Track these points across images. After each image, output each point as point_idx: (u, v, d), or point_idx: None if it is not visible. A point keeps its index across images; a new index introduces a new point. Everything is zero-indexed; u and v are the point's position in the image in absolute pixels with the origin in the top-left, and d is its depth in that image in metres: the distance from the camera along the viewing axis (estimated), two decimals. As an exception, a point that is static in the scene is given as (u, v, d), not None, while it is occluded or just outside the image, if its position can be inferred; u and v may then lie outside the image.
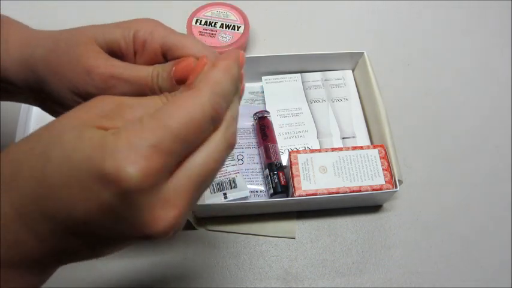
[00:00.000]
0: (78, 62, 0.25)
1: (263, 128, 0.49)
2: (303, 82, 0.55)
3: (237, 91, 0.23)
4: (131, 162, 0.18)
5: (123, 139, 0.18)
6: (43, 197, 0.19)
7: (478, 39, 0.63)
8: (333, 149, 0.45)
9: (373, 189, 0.43)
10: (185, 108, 0.19)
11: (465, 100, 0.57)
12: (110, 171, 0.17)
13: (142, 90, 0.26)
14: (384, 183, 0.43)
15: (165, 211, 0.19)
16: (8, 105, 0.53)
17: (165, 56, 0.28)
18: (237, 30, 0.56)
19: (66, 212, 0.19)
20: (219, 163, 0.21)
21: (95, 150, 0.18)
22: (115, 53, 0.27)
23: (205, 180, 0.21)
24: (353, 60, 0.54)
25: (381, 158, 0.45)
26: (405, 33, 0.63)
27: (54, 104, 0.28)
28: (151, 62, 0.28)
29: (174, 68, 0.25)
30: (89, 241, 0.20)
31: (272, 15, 0.64)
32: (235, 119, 0.23)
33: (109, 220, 0.19)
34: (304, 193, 0.42)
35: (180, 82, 0.25)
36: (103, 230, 0.19)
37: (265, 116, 0.50)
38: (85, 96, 0.26)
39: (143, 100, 0.21)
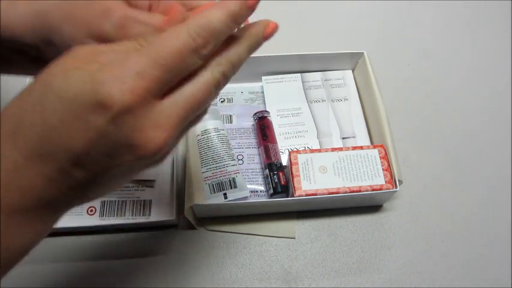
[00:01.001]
0: (95, 2, 0.26)
1: (263, 128, 0.49)
2: (303, 82, 0.55)
3: (243, 38, 0.25)
4: (119, 87, 0.19)
5: (109, 71, 0.20)
6: (46, 138, 0.20)
7: (478, 39, 0.63)
8: (333, 149, 0.45)
9: (373, 189, 0.43)
10: (167, 39, 0.21)
11: (465, 100, 0.57)
12: (100, 99, 0.19)
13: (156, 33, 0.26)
14: (384, 183, 0.43)
15: (155, 133, 0.21)
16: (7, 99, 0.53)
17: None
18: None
19: (69, 147, 0.20)
20: (206, 96, 0.23)
21: (83, 86, 0.20)
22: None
23: (193, 108, 0.22)
24: (353, 60, 0.54)
25: (381, 158, 0.45)
26: (405, 33, 0.63)
27: (62, 46, 0.27)
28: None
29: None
30: (93, 172, 0.22)
31: (272, 15, 0.64)
32: (231, 62, 0.24)
33: (106, 145, 0.21)
34: (304, 193, 0.42)
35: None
36: (103, 156, 0.21)
37: (265, 116, 0.50)
38: (101, 38, 0.26)
39: (116, 46, 0.22)
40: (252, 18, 0.36)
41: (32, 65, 0.30)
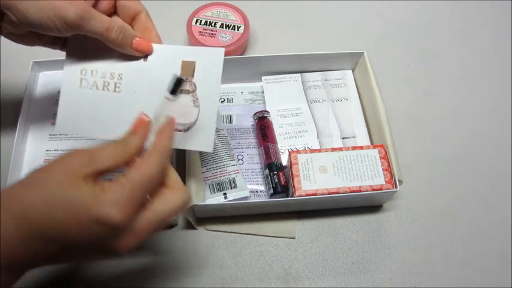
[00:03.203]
0: None
1: (263, 128, 0.49)
2: (303, 82, 0.54)
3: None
4: (116, 210, 0.28)
5: (109, 194, 0.28)
6: (50, 228, 0.28)
7: (478, 39, 0.63)
8: (333, 149, 0.45)
9: (373, 189, 0.43)
10: (146, 169, 0.30)
11: (465, 100, 0.57)
12: (103, 216, 0.27)
13: (103, 34, 0.35)
14: (384, 183, 0.43)
15: (131, 239, 0.30)
16: (8, 105, 0.53)
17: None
18: (237, 30, 0.56)
19: (68, 239, 0.28)
20: (173, 208, 0.31)
21: (91, 201, 0.28)
22: None
23: (160, 220, 0.31)
24: (353, 60, 0.54)
25: (381, 158, 0.45)
26: (405, 33, 0.63)
27: (28, 25, 0.34)
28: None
29: (137, 40, 0.37)
30: (73, 254, 0.30)
31: (272, 15, 0.64)
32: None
33: (94, 242, 0.29)
34: (304, 193, 0.42)
35: (137, 50, 0.37)
36: (87, 248, 0.29)
37: (265, 116, 0.50)
38: (63, 21, 0.33)
39: (106, 151, 0.31)
40: (258, 19, 0.36)
41: None
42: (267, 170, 0.46)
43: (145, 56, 0.38)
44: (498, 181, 0.51)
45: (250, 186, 0.47)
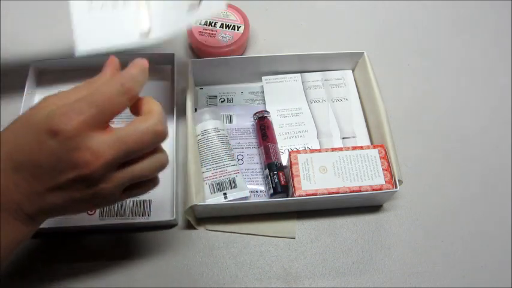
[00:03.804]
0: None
1: (263, 128, 0.49)
2: (303, 82, 0.54)
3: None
4: (65, 120, 0.28)
5: (61, 109, 0.28)
6: (14, 155, 0.29)
7: (478, 39, 0.63)
8: (333, 149, 0.45)
9: (373, 189, 0.43)
10: (100, 86, 0.30)
11: (465, 100, 0.57)
12: (52, 127, 0.28)
13: None
14: (384, 183, 0.43)
15: (89, 155, 0.28)
16: (8, 105, 0.53)
17: None
18: (237, 30, 0.56)
19: (32, 161, 0.28)
20: (138, 140, 0.30)
21: (43, 117, 0.28)
22: None
23: (126, 148, 0.29)
24: (353, 60, 0.54)
25: (381, 158, 0.44)
26: (405, 33, 0.63)
27: None
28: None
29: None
30: (47, 185, 0.29)
31: (272, 15, 0.64)
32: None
33: (55, 160, 0.28)
34: (304, 193, 0.42)
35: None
36: (53, 171, 0.29)
37: (265, 116, 0.50)
38: None
39: (73, 90, 0.31)
40: (258, 18, 0.37)
41: None
42: (267, 170, 0.46)
43: None
44: (498, 181, 0.51)
45: (250, 186, 0.47)
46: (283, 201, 0.44)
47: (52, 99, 0.30)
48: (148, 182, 0.34)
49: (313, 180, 0.43)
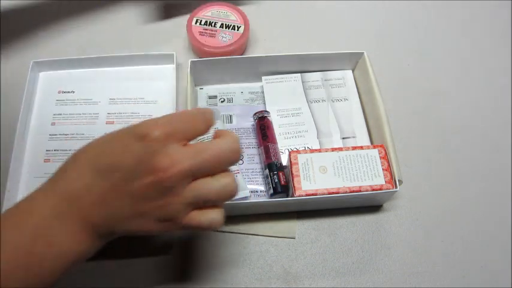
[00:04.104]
0: None
1: (263, 128, 0.49)
2: (303, 82, 0.55)
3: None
4: (153, 127, 0.29)
5: (150, 120, 0.30)
6: (95, 159, 0.30)
7: (478, 39, 0.63)
8: (333, 149, 0.45)
9: (373, 189, 0.43)
10: (190, 111, 0.33)
11: (465, 100, 0.57)
12: (140, 131, 0.29)
13: None
14: (384, 183, 0.43)
15: (169, 161, 0.28)
16: (8, 105, 0.53)
17: None
18: (237, 30, 0.56)
19: (109, 161, 0.29)
20: (215, 155, 0.30)
21: (130, 126, 0.31)
22: None
23: (203, 162, 0.30)
24: (353, 60, 0.54)
25: (381, 158, 0.44)
26: (405, 33, 0.63)
27: None
28: None
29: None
30: (122, 190, 0.29)
31: (272, 15, 0.64)
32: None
33: (133, 161, 0.29)
34: (304, 193, 0.42)
35: None
36: (130, 176, 0.29)
37: (265, 116, 0.50)
38: None
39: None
40: (258, 18, 0.37)
41: None
42: (267, 170, 0.46)
43: None
44: (498, 181, 0.51)
45: (250, 186, 0.47)
46: (283, 201, 0.44)
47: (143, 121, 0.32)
48: (213, 211, 0.32)
49: (313, 180, 0.43)
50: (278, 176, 0.45)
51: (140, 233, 0.31)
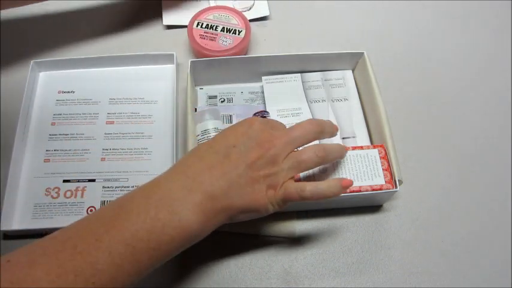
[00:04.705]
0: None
1: None
2: (303, 82, 0.55)
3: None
4: (258, 120, 0.39)
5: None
6: (214, 141, 0.38)
7: (478, 39, 0.63)
8: (333, 149, 0.45)
9: (373, 189, 0.43)
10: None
11: (465, 100, 0.57)
12: (251, 121, 0.38)
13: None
14: (384, 183, 0.43)
15: (270, 135, 0.38)
16: (8, 105, 0.53)
17: None
18: (238, 34, 0.56)
19: (223, 143, 0.37)
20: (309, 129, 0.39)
21: (242, 121, 0.39)
22: None
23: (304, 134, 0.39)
24: (353, 60, 0.54)
25: (381, 158, 0.44)
26: (405, 33, 0.63)
27: None
28: None
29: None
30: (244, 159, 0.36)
31: (272, 15, 0.64)
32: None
33: (244, 139, 0.37)
34: (304, 193, 0.42)
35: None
36: (241, 147, 0.36)
37: (265, 116, 0.50)
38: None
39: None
40: (255, 20, 0.36)
41: None
42: None
43: None
44: (498, 181, 0.51)
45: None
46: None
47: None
48: (305, 183, 0.37)
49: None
50: None
51: (250, 208, 0.36)
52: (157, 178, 0.35)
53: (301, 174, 0.43)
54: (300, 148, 0.38)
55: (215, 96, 0.54)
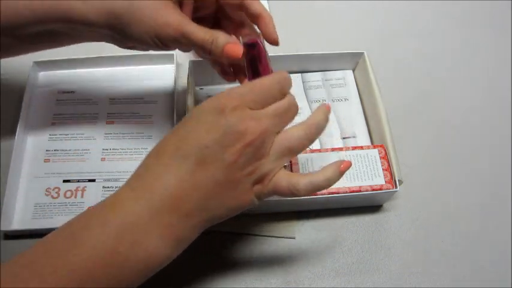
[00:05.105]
0: (158, 15, 0.35)
1: (253, 60, 0.37)
2: (303, 82, 0.54)
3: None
4: (229, 100, 0.30)
5: (225, 92, 0.31)
6: (180, 142, 0.30)
7: (478, 39, 0.63)
8: (333, 149, 0.45)
9: (373, 189, 0.43)
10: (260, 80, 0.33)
11: (465, 100, 0.57)
12: (218, 105, 0.30)
13: (198, 47, 0.37)
14: (384, 183, 0.43)
15: (251, 122, 0.30)
16: (8, 105, 0.53)
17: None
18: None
19: (195, 144, 0.29)
20: (288, 107, 0.33)
21: (209, 103, 0.31)
22: None
23: (278, 117, 0.32)
24: (353, 60, 0.54)
25: (381, 158, 0.44)
26: (405, 33, 0.63)
27: (131, 41, 0.38)
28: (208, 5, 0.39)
29: (225, 46, 0.36)
30: (213, 165, 0.30)
31: (272, 15, 0.64)
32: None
33: (222, 135, 0.29)
34: (304, 193, 0.42)
35: (228, 57, 0.37)
36: (220, 147, 0.29)
37: (257, 43, 0.38)
38: (161, 40, 0.36)
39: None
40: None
41: (101, 39, 0.40)
42: None
43: None
44: (498, 181, 0.51)
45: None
46: (283, 201, 0.44)
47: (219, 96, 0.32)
48: (296, 175, 0.33)
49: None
50: None
51: (234, 211, 0.32)
52: (117, 194, 0.30)
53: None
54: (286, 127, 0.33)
55: (215, 96, 0.54)
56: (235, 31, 0.41)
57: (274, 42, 0.39)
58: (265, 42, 0.40)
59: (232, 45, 0.36)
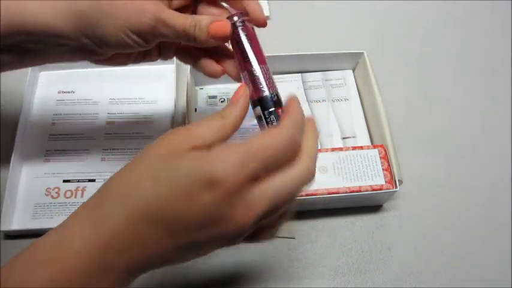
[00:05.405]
0: (129, 3, 0.30)
1: (239, 42, 0.33)
2: (303, 82, 0.55)
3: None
4: (223, 167, 0.23)
5: (215, 154, 0.24)
6: (153, 207, 0.24)
7: (478, 39, 0.63)
8: (333, 149, 0.45)
9: (373, 189, 0.43)
10: (270, 137, 0.25)
11: (465, 100, 0.57)
12: (208, 174, 0.23)
13: (180, 35, 0.32)
14: (384, 183, 0.43)
15: (244, 211, 0.24)
16: (8, 105, 0.53)
17: None
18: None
19: (175, 215, 0.24)
20: (294, 189, 0.26)
21: (194, 163, 0.24)
22: None
23: (280, 200, 0.25)
24: (353, 60, 0.54)
25: (381, 158, 0.45)
26: (405, 33, 0.63)
27: (105, 46, 0.32)
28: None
29: (210, 25, 0.31)
30: (179, 242, 0.25)
31: (272, 15, 0.64)
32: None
33: (204, 217, 0.24)
34: (304, 193, 0.42)
35: (214, 37, 0.32)
36: (196, 227, 0.24)
37: (242, 22, 0.33)
38: (138, 33, 0.31)
39: (202, 125, 0.27)
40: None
41: (73, 55, 0.34)
42: (259, 109, 0.33)
43: None
44: (498, 181, 0.51)
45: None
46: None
47: (185, 136, 0.26)
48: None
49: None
50: (277, 114, 0.32)
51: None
52: (60, 245, 0.25)
53: None
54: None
55: (215, 96, 0.54)
56: None
57: (262, 23, 0.34)
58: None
59: (217, 22, 0.31)
